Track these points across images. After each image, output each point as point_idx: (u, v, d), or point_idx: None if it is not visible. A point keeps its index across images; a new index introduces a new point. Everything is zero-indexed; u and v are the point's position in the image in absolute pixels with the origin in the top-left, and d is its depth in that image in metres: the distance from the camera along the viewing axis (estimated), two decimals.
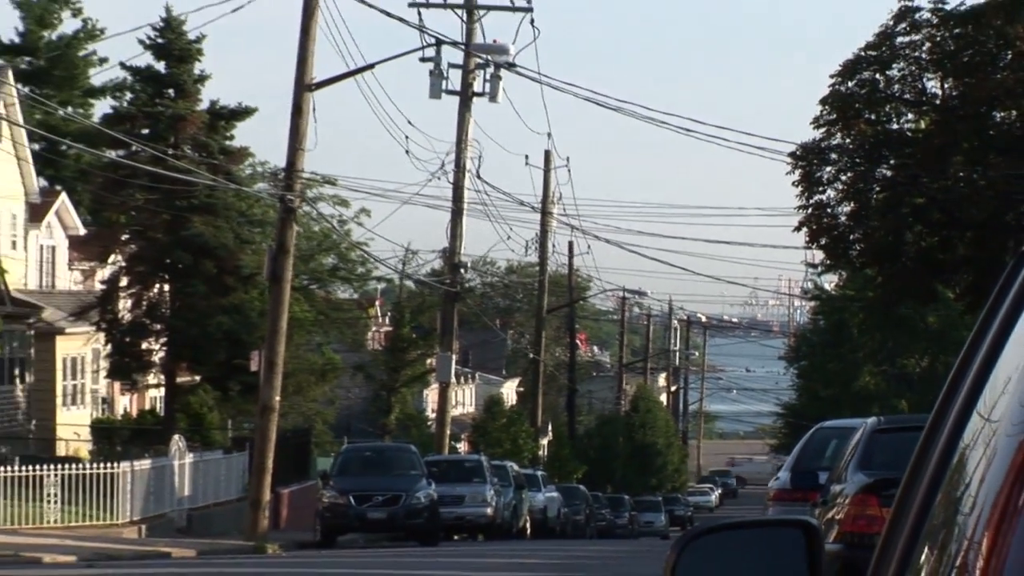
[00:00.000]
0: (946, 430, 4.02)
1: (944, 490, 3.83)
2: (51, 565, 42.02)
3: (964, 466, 3.73)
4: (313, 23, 56.16)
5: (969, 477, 3.60)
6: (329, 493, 59.85)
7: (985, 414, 3.72)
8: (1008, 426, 3.36)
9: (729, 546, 4.92)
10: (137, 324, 79.98)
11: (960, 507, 3.56)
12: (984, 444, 3.57)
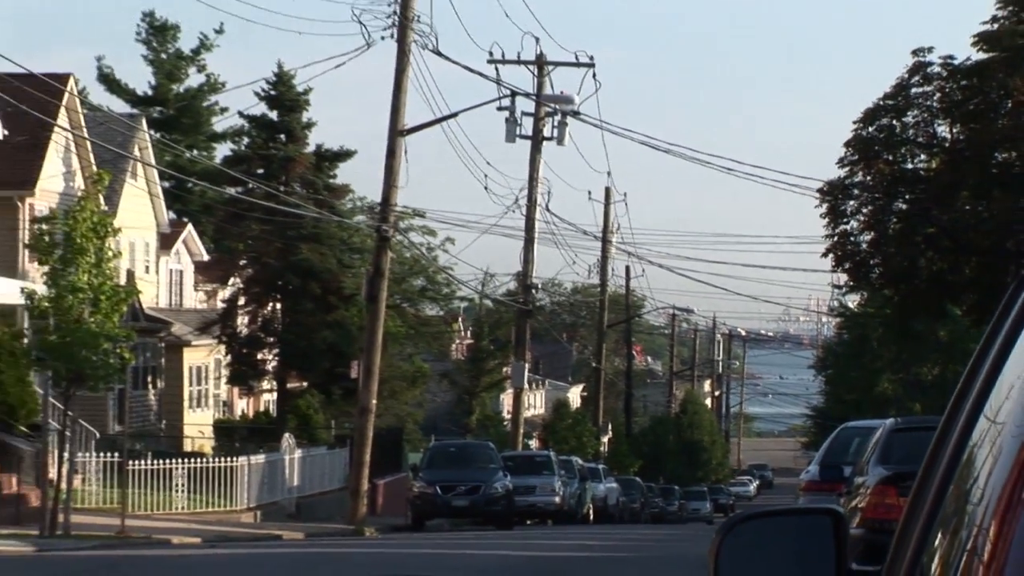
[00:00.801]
0: (957, 430, 3.99)
1: (955, 483, 3.80)
2: (179, 546, 42.09)
3: (973, 462, 3.70)
4: (405, 77, 56.26)
5: (977, 472, 3.57)
6: (419, 483, 59.91)
7: (991, 417, 3.70)
8: (1012, 427, 3.34)
9: (766, 531, 4.89)
10: (253, 337, 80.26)
11: (970, 498, 3.53)
12: (991, 443, 3.55)
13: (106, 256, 43.36)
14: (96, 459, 53.36)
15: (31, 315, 44.81)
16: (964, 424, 3.93)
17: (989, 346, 4.07)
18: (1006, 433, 3.38)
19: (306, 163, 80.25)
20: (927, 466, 4.21)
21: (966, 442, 3.85)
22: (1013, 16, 52.02)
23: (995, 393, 3.78)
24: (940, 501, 3.85)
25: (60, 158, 66.40)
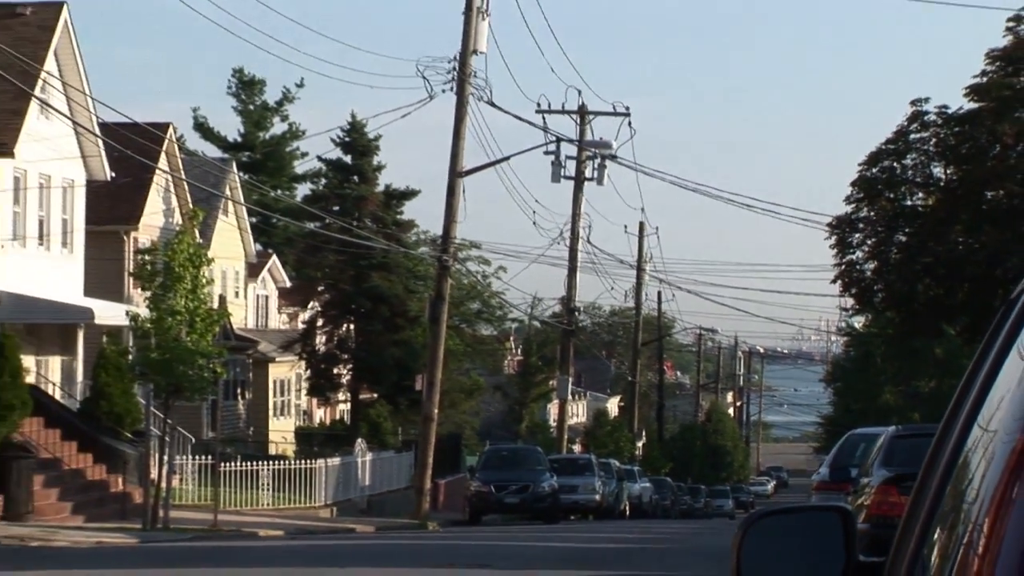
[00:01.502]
0: (953, 437, 3.97)
1: (952, 484, 3.79)
2: (265, 537, 42.14)
3: (968, 465, 3.69)
4: (463, 125, 56.35)
5: (972, 474, 3.55)
6: (475, 483, 59.93)
7: (984, 426, 3.68)
8: (1003, 435, 3.32)
9: (783, 526, 4.88)
10: (330, 354, 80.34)
11: (965, 497, 3.51)
12: (983, 448, 3.53)
13: (201, 283, 43.50)
14: (192, 461, 53.53)
15: (135, 335, 44.93)
16: (960, 432, 3.92)
17: (981, 363, 4.06)
18: (997, 440, 3.37)
19: (376, 201, 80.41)
20: (926, 468, 4.20)
21: (962, 448, 3.84)
22: (1000, 71, 52.01)
23: (987, 405, 3.77)
24: (939, 500, 3.84)
25: (160, 197, 66.67)
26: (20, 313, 52.56)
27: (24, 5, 57.15)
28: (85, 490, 44.25)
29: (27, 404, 41.82)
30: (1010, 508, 3.05)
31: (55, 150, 55.73)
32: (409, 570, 27.01)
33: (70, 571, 26.61)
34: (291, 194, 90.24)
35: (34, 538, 34.40)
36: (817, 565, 4.70)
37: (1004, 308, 4.13)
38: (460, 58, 56.18)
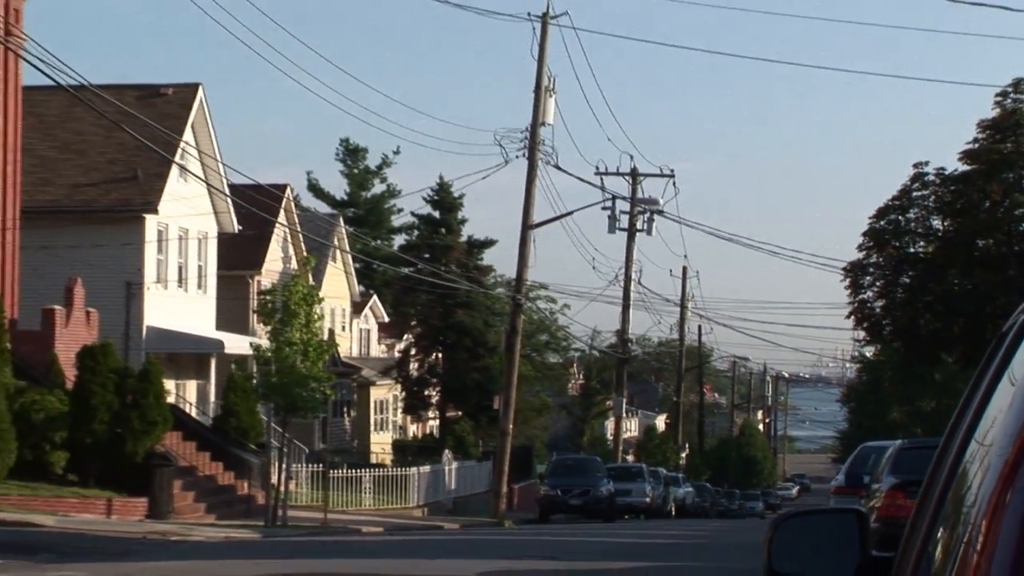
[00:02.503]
0: (954, 450, 3.96)
1: (954, 490, 3.77)
2: (367, 533, 42.20)
3: (967, 475, 3.68)
4: (533, 185, 56.43)
5: (971, 482, 3.54)
6: (544, 488, 59.87)
7: (981, 440, 3.68)
8: (997, 449, 3.31)
9: (807, 525, 4.88)
10: (421, 379, 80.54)
11: (965, 501, 3.50)
12: (980, 460, 3.52)
13: (313, 319, 43.65)
14: (305, 469, 53.68)
15: (258, 362, 45.14)
16: (960, 445, 3.92)
17: (977, 387, 4.06)
18: (993, 453, 3.36)
19: (460, 250, 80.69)
20: (930, 476, 4.19)
21: (962, 459, 3.84)
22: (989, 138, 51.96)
23: (983, 422, 3.77)
24: (942, 504, 3.83)
25: (280, 246, 67.00)
26: (163, 344, 52.93)
27: (167, 87, 57.63)
28: (216, 493, 44.44)
29: (168, 420, 42.05)
30: (1004, 512, 3.04)
31: (192, 207, 56.12)
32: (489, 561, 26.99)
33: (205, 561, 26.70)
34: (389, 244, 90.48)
35: (174, 533, 34.56)
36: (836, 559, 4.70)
37: (996, 341, 4.13)
38: (531, 129, 56.32)
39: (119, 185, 54.32)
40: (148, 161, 51.81)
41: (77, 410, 39.55)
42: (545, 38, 55.78)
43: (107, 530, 33.52)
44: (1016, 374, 3.70)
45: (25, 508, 35.54)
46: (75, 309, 45.96)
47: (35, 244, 46.95)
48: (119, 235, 52.68)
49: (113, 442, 39.53)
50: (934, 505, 3.90)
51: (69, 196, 53.94)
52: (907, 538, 4.17)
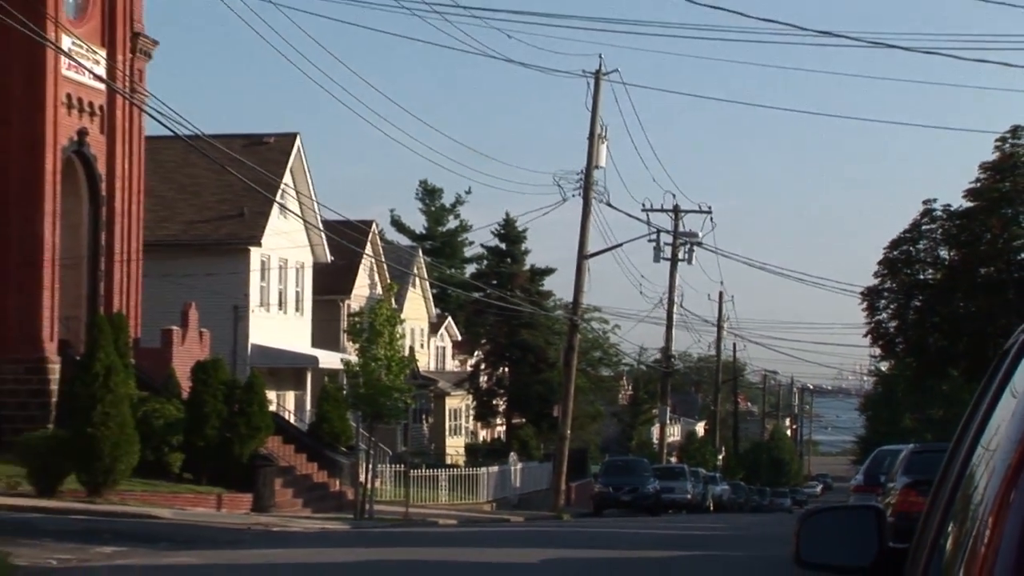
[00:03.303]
0: (962, 454, 3.95)
1: (962, 490, 3.75)
2: (443, 525, 42.21)
3: (974, 476, 3.66)
4: (587, 221, 56.41)
5: (977, 482, 3.52)
6: (598, 486, 59.80)
7: (986, 446, 3.66)
8: (1001, 453, 3.30)
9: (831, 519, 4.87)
10: (490, 390, 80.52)
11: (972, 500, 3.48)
12: (986, 463, 3.51)
13: (395, 337, 43.75)
14: (389, 469, 53.77)
15: (348, 375, 45.29)
16: (967, 450, 3.90)
17: (982, 398, 4.05)
18: (997, 457, 3.35)
19: (524, 277, 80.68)
20: (941, 477, 4.17)
21: (969, 462, 3.82)
22: (990, 179, 51.69)
23: (988, 430, 3.75)
24: (952, 501, 3.81)
25: (366, 274, 67.23)
26: (265, 360, 53.18)
27: (269, 136, 58.00)
28: (312, 490, 44.57)
29: (270, 426, 42.23)
30: (1008, 509, 3.04)
31: (291, 240, 56.41)
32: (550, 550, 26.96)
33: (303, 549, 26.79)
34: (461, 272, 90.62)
35: (276, 525, 34.68)
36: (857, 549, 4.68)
37: (998, 358, 4.12)
38: (585, 172, 56.35)
39: (228, 222, 54.69)
40: (253, 200, 52.13)
41: (191, 417, 39.79)
42: (598, 92, 55.86)
43: (217, 522, 33.69)
44: (1017, 387, 3.69)
45: (147, 502, 35.78)
46: (190, 329, 46.25)
47: (156, 273, 47.30)
48: (228, 265, 53.01)
49: (222, 445, 39.74)
50: (945, 503, 3.88)
51: (185, 231, 54.33)
52: (920, 531, 4.15)
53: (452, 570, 22.31)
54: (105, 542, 25.60)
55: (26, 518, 29.73)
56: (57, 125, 40.89)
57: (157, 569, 21.87)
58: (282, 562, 23.65)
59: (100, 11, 43.35)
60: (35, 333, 40.16)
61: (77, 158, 42.71)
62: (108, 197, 43.77)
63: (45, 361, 40.18)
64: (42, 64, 39.78)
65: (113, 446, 35.07)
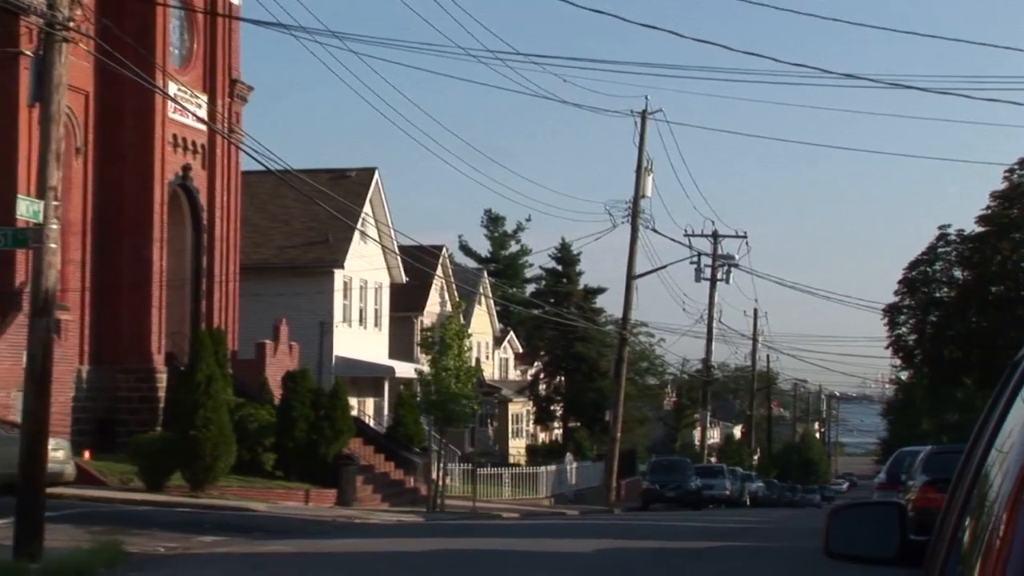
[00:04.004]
0: (978, 455, 3.92)
1: (978, 488, 3.73)
2: (506, 519, 42.16)
3: (988, 476, 3.64)
4: (635, 245, 56.24)
5: (992, 481, 3.51)
6: (646, 483, 59.49)
7: (1000, 448, 3.64)
8: (1014, 455, 3.29)
9: (857, 514, 4.85)
10: (548, 397, 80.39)
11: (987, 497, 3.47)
12: (1000, 464, 3.49)
13: (463, 350, 43.80)
14: (458, 467, 53.73)
15: (421, 384, 45.36)
16: (983, 452, 3.88)
17: (995, 405, 4.02)
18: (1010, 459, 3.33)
19: (578, 296, 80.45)
20: (958, 477, 4.15)
21: (984, 463, 3.80)
22: (999, 206, 51.32)
23: (1001, 434, 3.73)
24: (969, 498, 3.79)
25: (437, 293, 67.32)
26: (347, 370, 53.36)
27: (351, 170, 58.27)
28: (389, 486, 44.66)
29: (351, 429, 42.37)
30: (1021, 506, 3.03)
31: (370, 263, 56.62)
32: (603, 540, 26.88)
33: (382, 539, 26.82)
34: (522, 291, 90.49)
35: (357, 517, 34.76)
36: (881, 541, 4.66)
37: (1009, 369, 4.09)
38: (633, 201, 56.20)
39: (314, 247, 54.95)
40: (337, 228, 52.38)
41: (282, 421, 39.98)
42: (644, 130, 55.77)
43: (305, 514, 33.81)
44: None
45: (243, 497, 35.95)
46: (280, 343, 46.49)
47: (250, 293, 47.60)
48: (314, 285, 53.25)
49: (310, 446, 39.89)
50: (962, 500, 3.86)
51: (276, 255, 54.63)
52: (939, 526, 4.13)
53: (515, 558, 22.29)
54: (206, 532, 25.75)
55: (137, 510, 29.97)
56: (164, 162, 41.27)
57: (253, 556, 21.97)
58: (363, 551, 23.70)
59: (202, 61, 43.74)
60: (145, 346, 40.50)
61: (182, 191, 43.07)
62: (209, 225, 44.10)
63: (154, 371, 40.50)
64: (151, 108, 40.17)
65: (213, 447, 35.30)
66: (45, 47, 20.24)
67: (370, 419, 54.93)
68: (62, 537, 21.39)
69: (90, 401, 38.94)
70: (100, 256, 39.84)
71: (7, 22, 34.41)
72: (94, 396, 39.27)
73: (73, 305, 38.31)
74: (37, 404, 20.02)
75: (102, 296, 39.77)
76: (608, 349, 77.00)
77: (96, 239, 39.83)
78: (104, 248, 39.89)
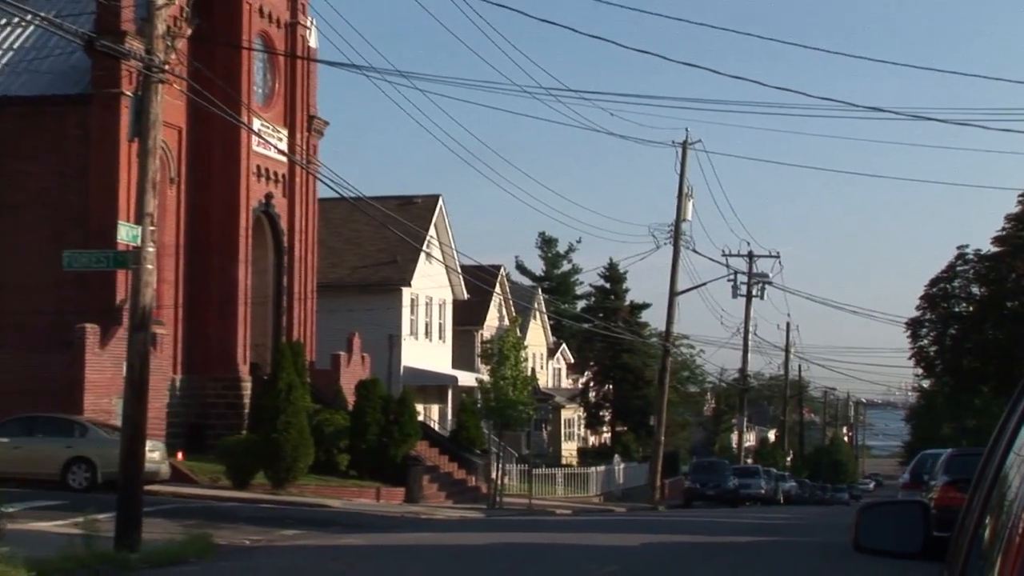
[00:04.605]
0: (997, 458, 3.89)
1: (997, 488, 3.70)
2: (559, 515, 42.05)
3: (1007, 477, 3.61)
4: (677, 264, 56.05)
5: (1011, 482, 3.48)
6: (688, 482, 59.13)
7: (1018, 452, 3.61)
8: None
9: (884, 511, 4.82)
10: (598, 403, 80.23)
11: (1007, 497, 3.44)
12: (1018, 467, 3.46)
13: (520, 361, 43.79)
14: (515, 468, 53.69)
15: (481, 391, 45.40)
16: (1001, 455, 3.85)
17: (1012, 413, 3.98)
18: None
19: (625, 311, 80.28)
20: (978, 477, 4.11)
21: (1004, 465, 3.76)
22: (1014, 228, 50.89)
23: (1019, 439, 3.70)
24: (989, 497, 3.76)
25: (495, 308, 67.32)
26: (414, 379, 53.46)
27: (417, 197, 58.45)
28: (452, 485, 44.67)
29: (418, 433, 42.43)
30: None
31: (434, 282, 56.75)
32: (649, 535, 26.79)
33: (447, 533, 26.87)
34: (573, 307, 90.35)
35: (424, 513, 34.79)
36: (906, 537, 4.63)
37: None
38: (675, 225, 56.02)
39: (384, 267, 55.15)
40: (404, 249, 52.57)
41: (355, 425, 40.11)
42: (685, 159, 55.62)
43: (376, 510, 33.88)
44: None
45: (320, 494, 36.07)
46: (353, 354, 46.67)
47: (326, 309, 47.84)
48: (384, 302, 53.45)
49: (380, 448, 40.00)
50: (983, 499, 3.83)
51: (349, 275, 54.88)
52: (961, 522, 4.10)
53: (568, 551, 22.25)
54: (287, 526, 25.88)
55: (225, 506, 30.14)
56: (249, 190, 41.58)
57: (330, 548, 22.05)
58: (429, 543, 23.74)
59: (283, 99, 44.07)
60: (231, 357, 40.76)
61: (264, 216, 43.37)
62: (289, 248, 44.37)
63: (239, 380, 40.76)
64: (237, 141, 40.51)
65: (293, 448, 35.47)
66: (143, 88, 20.48)
67: (435, 424, 54.99)
68: (158, 530, 21.56)
69: (182, 407, 39.24)
70: (191, 276, 40.19)
71: (110, 66, 34.84)
72: (186, 402, 39.57)
73: (167, 320, 38.65)
74: (135, 410, 20.22)
75: (193, 312, 40.10)
76: (652, 359, 76.77)
77: (188, 260, 40.18)
78: (195, 268, 40.23)
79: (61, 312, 35.57)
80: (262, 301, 43.01)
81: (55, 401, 33.30)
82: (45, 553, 17.29)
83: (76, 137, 36.86)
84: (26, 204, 37.27)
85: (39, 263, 35.69)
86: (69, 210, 36.61)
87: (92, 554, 17.84)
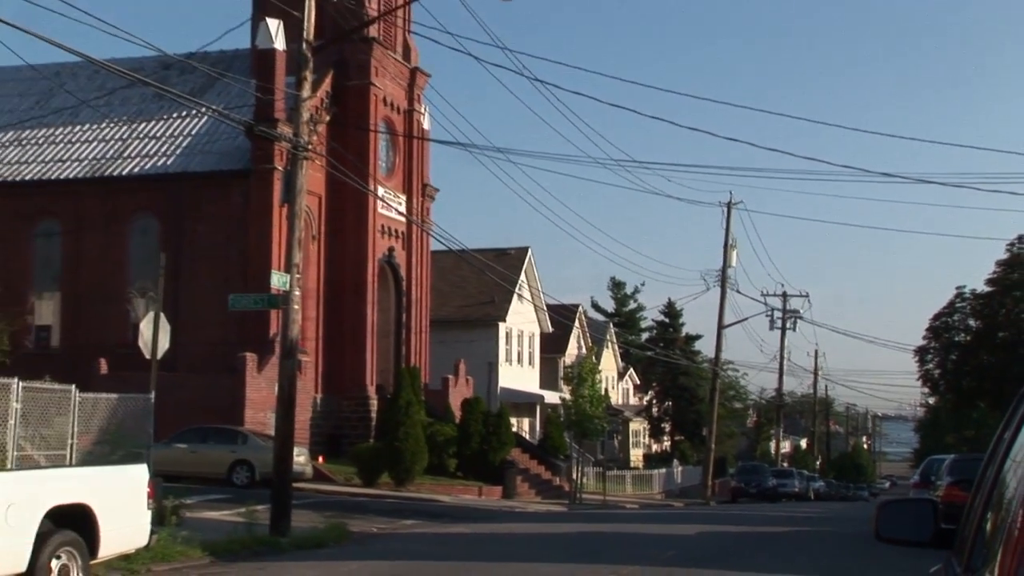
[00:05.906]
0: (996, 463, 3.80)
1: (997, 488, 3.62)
2: (628, 509, 41.66)
3: (1006, 479, 3.53)
4: (724, 303, 55.54)
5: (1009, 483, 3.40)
6: (734, 482, 58.32)
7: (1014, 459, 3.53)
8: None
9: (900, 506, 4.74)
10: (659, 417, 79.34)
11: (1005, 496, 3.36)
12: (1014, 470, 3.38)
13: (595, 382, 43.60)
14: (592, 470, 53.30)
15: (563, 408, 45.24)
16: (1000, 461, 3.76)
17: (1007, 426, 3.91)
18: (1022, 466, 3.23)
19: (681, 341, 79.50)
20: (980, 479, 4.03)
21: (1003, 468, 3.68)
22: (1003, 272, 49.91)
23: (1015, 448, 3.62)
24: (991, 496, 3.68)
25: (575, 339, 67.05)
26: (509, 397, 53.39)
27: (510, 249, 58.48)
28: (540, 484, 44.50)
29: (512, 441, 42.32)
30: None
31: (525, 318, 56.73)
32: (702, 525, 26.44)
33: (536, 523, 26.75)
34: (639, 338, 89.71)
35: (517, 507, 34.66)
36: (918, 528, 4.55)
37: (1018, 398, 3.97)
38: (722, 270, 55.57)
39: (483, 306, 55.29)
40: (500, 292, 52.69)
41: (461, 435, 40.15)
42: (730, 216, 55.22)
43: (479, 505, 33.83)
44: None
45: (433, 491, 36.12)
46: (460, 377, 46.78)
47: (437, 340, 48.06)
48: (484, 335, 53.57)
49: (482, 454, 39.98)
50: (985, 497, 3.75)
51: (455, 312, 55.08)
52: (965, 517, 4.01)
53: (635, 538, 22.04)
54: (407, 517, 25.95)
55: (357, 500, 30.31)
56: (375, 245, 42.01)
57: (441, 535, 22.06)
58: (521, 532, 23.65)
59: (402, 171, 44.55)
60: (361, 380, 41.08)
61: (387, 266, 43.77)
62: (407, 291, 44.71)
63: (368, 398, 41.04)
64: (366, 205, 40.97)
65: (411, 454, 35.61)
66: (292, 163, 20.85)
67: (526, 434, 54.88)
68: (303, 519, 21.74)
69: (322, 420, 39.59)
70: (329, 314, 40.63)
71: (265, 147, 35.54)
72: (325, 416, 39.92)
73: (310, 350, 39.08)
74: (285, 422, 20.45)
75: (331, 343, 40.51)
76: (704, 381, 75.97)
77: (326, 301, 40.64)
78: (332, 308, 40.67)
79: (226, 343, 36.15)
80: (386, 334, 43.36)
81: (222, 415, 33.79)
82: (215, 536, 17.58)
83: (239, 203, 37.58)
84: (200, 257, 38.03)
85: (209, 304, 36.32)
86: (233, 262, 37.26)
87: (252, 538, 18.11)
